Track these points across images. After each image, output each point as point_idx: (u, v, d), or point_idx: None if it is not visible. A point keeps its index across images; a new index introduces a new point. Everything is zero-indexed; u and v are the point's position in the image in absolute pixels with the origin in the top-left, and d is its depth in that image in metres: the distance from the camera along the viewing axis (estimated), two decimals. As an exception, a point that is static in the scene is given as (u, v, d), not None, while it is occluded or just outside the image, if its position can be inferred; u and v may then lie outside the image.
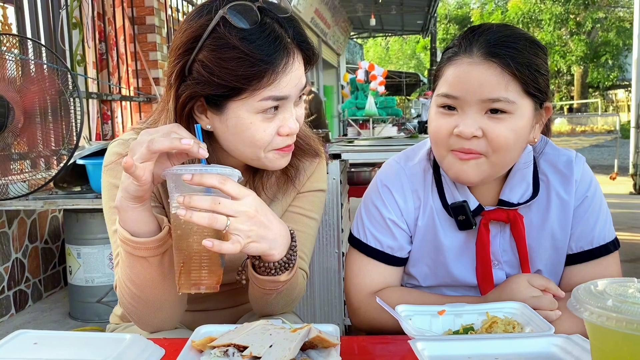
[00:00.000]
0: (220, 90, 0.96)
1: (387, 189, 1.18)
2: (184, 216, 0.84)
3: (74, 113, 2.79)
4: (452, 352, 0.84)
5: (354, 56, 22.25)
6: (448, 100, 1.04)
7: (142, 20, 5.01)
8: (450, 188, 1.15)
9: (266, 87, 0.95)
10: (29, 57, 2.82)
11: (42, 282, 3.64)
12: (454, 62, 1.04)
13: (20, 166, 2.88)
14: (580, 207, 1.14)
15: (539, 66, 1.03)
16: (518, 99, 1.01)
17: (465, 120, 1.02)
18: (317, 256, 2.43)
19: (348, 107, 9.23)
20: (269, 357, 0.77)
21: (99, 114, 4.39)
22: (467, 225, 1.12)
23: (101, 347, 0.85)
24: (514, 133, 1.01)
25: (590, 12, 23.76)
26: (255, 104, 0.97)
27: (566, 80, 27.34)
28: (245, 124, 0.99)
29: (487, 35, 1.03)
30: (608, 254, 1.14)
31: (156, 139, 0.86)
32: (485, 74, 1.00)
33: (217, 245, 0.85)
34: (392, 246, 1.18)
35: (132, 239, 0.93)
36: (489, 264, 1.13)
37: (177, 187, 0.87)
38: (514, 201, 1.12)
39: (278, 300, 1.07)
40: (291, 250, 0.99)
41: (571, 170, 1.14)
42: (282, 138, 1.01)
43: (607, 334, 0.59)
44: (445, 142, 1.05)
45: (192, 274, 0.88)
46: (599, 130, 9.56)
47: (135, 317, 1.06)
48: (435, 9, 14.53)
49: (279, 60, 0.95)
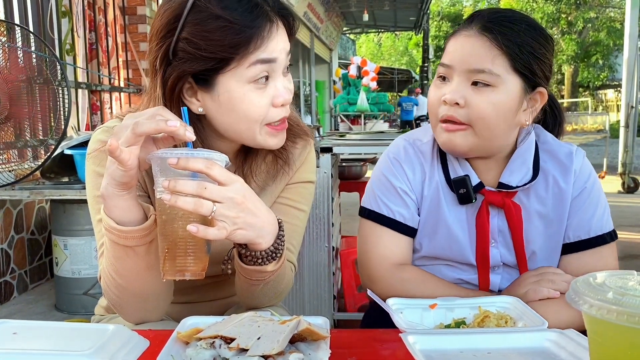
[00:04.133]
0: (209, 64, 0.95)
1: (396, 161, 1.22)
2: (168, 201, 0.82)
3: (62, 103, 2.75)
4: (443, 346, 0.83)
5: (347, 52, 22.24)
6: (443, 69, 1.12)
7: (133, 10, 4.95)
8: (453, 163, 1.19)
9: (253, 53, 0.95)
10: (17, 45, 2.77)
11: (28, 274, 3.59)
12: (454, 35, 1.13)
13: (7, 155, 2.84)
14: (579, 198, 1.16)
15: (535, 49, 1.08)
16: (504, 74, 1.06)
17: (451, 88, 1.09)
18: (307, 250, 2.42)
19: (340, 103, 9.23)
20: (256, 349, 0.75)
21: (88, 105, 4.34)
22: (467, 199, 1.15)
23: (84, 338, 0.83)
24: (494, 106, 1.06)
25: (581, 12, 23.92)
26: (244, 73, 0.96)
27: (557, 80, 27.46)
28: (238, 96, 0.97)
29: (488, 13, 1.11)
30: (605, 244, 1.16)
31: (141, 122, 0.83)
32: (475, 46, 1.07)
33: (202, 230, 0.82)
34: (404, 215, 1.20)
35: (117, 227, 0.90)
36: (487, 242, 1.16)
37: (162, 171, 0.85)
38: (513, 184, 1.15)
39: (265, 292, 1.05)
40: (279, 240, 0.96)
41: (571, 161, 1.17)
42: (277, 110, 1.00)
43: (607, 327, 0.57)
44: (435, 110, 1.12)
45: (177, 260, 0.85)
46: (588, 130, 9.65)
47: (119, 308, 1.04)
48: (428, 5, 14.55)
49: (263, 25, 0.95)
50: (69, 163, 2.84)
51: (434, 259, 1.22)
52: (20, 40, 2.77)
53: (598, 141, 10.57)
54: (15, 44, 2.77)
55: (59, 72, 2.79)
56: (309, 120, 13.12)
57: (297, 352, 0.77)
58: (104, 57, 4.60)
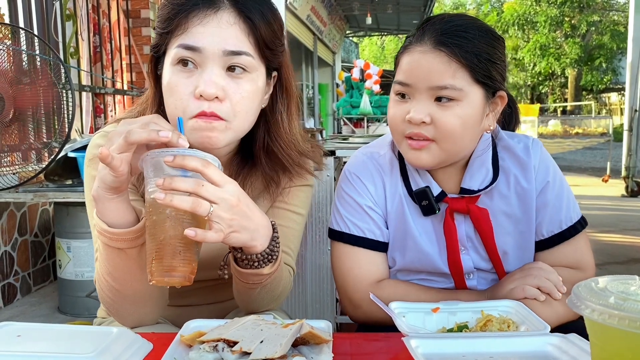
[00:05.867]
0: (156, 40, 1.02)
1: (356, 177, 1.21)
2: (162, 199, 0.79)
3: (65, 105, 2.76)
4: (446, 350, 0.83)
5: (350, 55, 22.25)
6: (402, 87, 1.09)
7: (136, 13, 4.97)
8: (414, 175, 1.17)
9: (180, 35, 0.97)
10: (22, 48, 2.78)
11: (32, 276, 3.60)
12: (407, 51, 1.09)
13: (11, 158, 2.84)
14: (543, 193, 1.16)
15: (491, 55, 1.06)
16: (466, 87, 1.04)
17: (415, 107, 1.06)
18: (308, 253, 2.41)
19: (343, 106, 9.23)
20: (259, 352, 0.75)
21: (92, 107, 4.35)
22: (430, 210, 1.14)
23: (87, 340, 0.83)
24: (460, 120, 1.05)
25: (585, 15, 23.88)
26: (171, 53, 0.98)
27: (560, 83, 27.45)
28: (165, 77, 0.99)
29: (439, 24, 1.07)
30: (577, 233, 1.16)
31: (134, 130, 0.83)
32: (434, 62, 1.04)
33: (200, 234, 0.82)
34: (374, 231, 1.19)
35: (109, 230, 0.91)
36: (457, 250, 1.15)
37: (155, 171, 0.83)
38: (474, 188, 1.14)
39: (262, 296, 1.04)
40: (273, 242, 0.96)
41: (529, 156, 1.16)
42: (197, 101, 0.95)
43: (609, 332, 0.57)
44: (399, 128, 1.10)
45: (165, 260, 0.81)
46: (592, 133, 9.62)
47: (114, 311, 1.04)
48: (431, 9, 14.53)
49: (196, 7, 0.96)
50: (72, 166, 2.85)
51: (408, 272, 1.21)
52: (24, 44, 2.78)
53: (601, 145, 10.55)
54: (19, 47, 2.78)
55: (63, 75, 2.80)
56: (312, 124, 13.11)
57: (299, 356, 0.77)
58: (108, 60, 4.61)
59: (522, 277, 1.09)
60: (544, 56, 24.77)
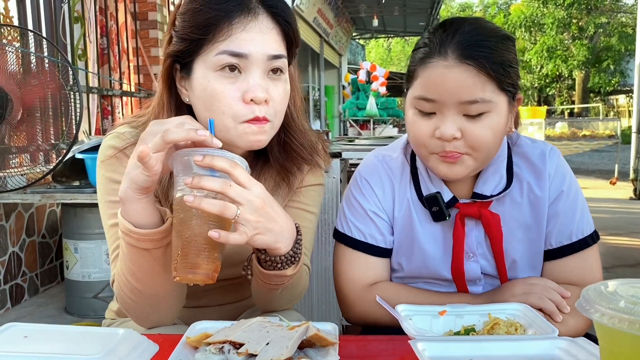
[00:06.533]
0: (183, 45, 0.99)
1: (365, 182, 1.20)
2: (191, 202, 0.81)
3: (73, 107, 2.77)
4: (453, 353, 0.83)
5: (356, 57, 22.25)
6: (426, 103, 1.04)
7: (144, 15, 4.99)
8: (425, 180, 1.16)
9: (222, 41, 0.96)
10: (30, 50, 2.80)
11: (39, 277, 3.62)
12: (428, 65, 1.03)
13: (19, 159, 2.86)
14: (556, 203, 1.13)
15: (511, 60, 1.04)
16: (494, 97, 1.02)
17: (445, 123, 1.02)
18: (315, 255, 2.41)
19: (349, 108, 9.23)
20: (265, 354, 0.75)
21: (99, 109, 4.38)
22: (441, 216, 1.13)
23: (93, 341, 0.83)
24: (492, 131, 1.03)
25: (592, 17, 23.78)
26: (212, 59, 0.97)
27: (567, 85, 27.35)
28: (204, 83, 0.98)
29: (461, 35, 1.02)
30: (587, 247, 1.13)
31: (171, 129, 0.84)
32: (462, 77, 1.00)
33: (223, 236, 0.83)
34: (375, 237, 1.18)
35: (135, 230, 0.91)
36: (461, 257, 1.13)
37: (184, 169, 0.85)
38: (487, 193, 1.12)
39: (283, 296, 1.05)
40: (297, 244, 0.97)
41: (544, 163, 1.14)
42: (247, 106, 0.97)
43: (619, 337, 0.56)
44: (426, 145, 1.06)
45: (190, 257, 0.83)
46: (599, 135, 9.56)
47: (132, 312, 1.04)
48: (437, 11, 14.51)
49: (236, 13, 0.96)
50: (79, 167, 2.86)
51: (413, 278, 1.20)
52: (33, 46, 2.80)
53: (609, 147, 10.49)
54: (28, 49, 2.80)
55: (71, 77, 2.82)
56: (318, 125, 13.12)
57: (305, 358, 0.77)
58: (115, 62, 4.63)
59: (524, 295, 1.06)
60: (551, 58, 24.70)
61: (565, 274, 1.13)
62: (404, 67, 25.78)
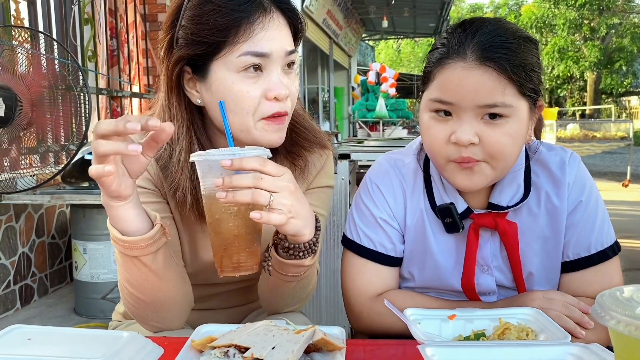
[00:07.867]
0: (200, 49, 0.97)
1: (376, 188, 1.16)
2: (224, 198, 0.82)
3: (82, 108, 2.78)
4: (463, 358, 0.81)
5: (366, 58, 22.23)
6: (442, 105, 0.99)
7: (153, 17, 5.01)
8: (439, 190, 1.12)
9: (244, 42, 0.96)
10: (40, 52, 2.81)
11: (48, 277, 3.63)
12: (446, 66, 0.98)
13: (29, 160, 2.87)
14: (575, 213, 1.08)
15: (533, 64, 0.99)
16: (514, 102, 0.96)
17: (462, 127, 0.97)
18: (324, 257, 2.40)
19: (358, 109, 9.21)
20: (271, 358, 0.73)
21: (109, 110, 4.39)
22: (454, 228, 1.08)
23: (97, 344, 0.82)
24: (510, 137, 0.97)
25: (604, 18, 23.60)
26: (234, 61, 0.96)
27: (579, 86, 27.15)
28: (227, 84, 0.97)
29: (481, 36, 0.97)
30: (607, 259, 1.08)
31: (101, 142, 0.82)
32: (481, 80, 0.95)
33: (264, 216, 0.84)
34: (385, 245, 1.14)
35: (121, 238, 0.90)
36: (472, 269, 1.09)
37: (211, 171, 0.85)
38: (503, 204, 1.07)
39: (296, 290, 1.05)
40: (317, 232, 0.97)
41: (564, 172, 1.09)
42: (270, 103, 0.99)
43: (635, 345, 0.54)
44: (442, 151, 1.01)
45: (234, 257, 0.88)
46: (612, 137, 9.48)
47: (136, 317, 1.04)
48: (447, 12, 14.46)
49: (254, 13, 0.96)
50: (89, 168, 2.87)
51: (425, 288, 1.16)
52: (43, 47, 2.81)
53: (622, 149, 10.39)
54: (38, 50, 2.81)
55: (81, 79, 2.83)
56: (328, 127, 13.11)
57: (311, 363, 0.76)
58: (125, 64, 4.65)
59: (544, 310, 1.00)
60: (562, 59, 24.55)
61: (583, 288, 1.07)
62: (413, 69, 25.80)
